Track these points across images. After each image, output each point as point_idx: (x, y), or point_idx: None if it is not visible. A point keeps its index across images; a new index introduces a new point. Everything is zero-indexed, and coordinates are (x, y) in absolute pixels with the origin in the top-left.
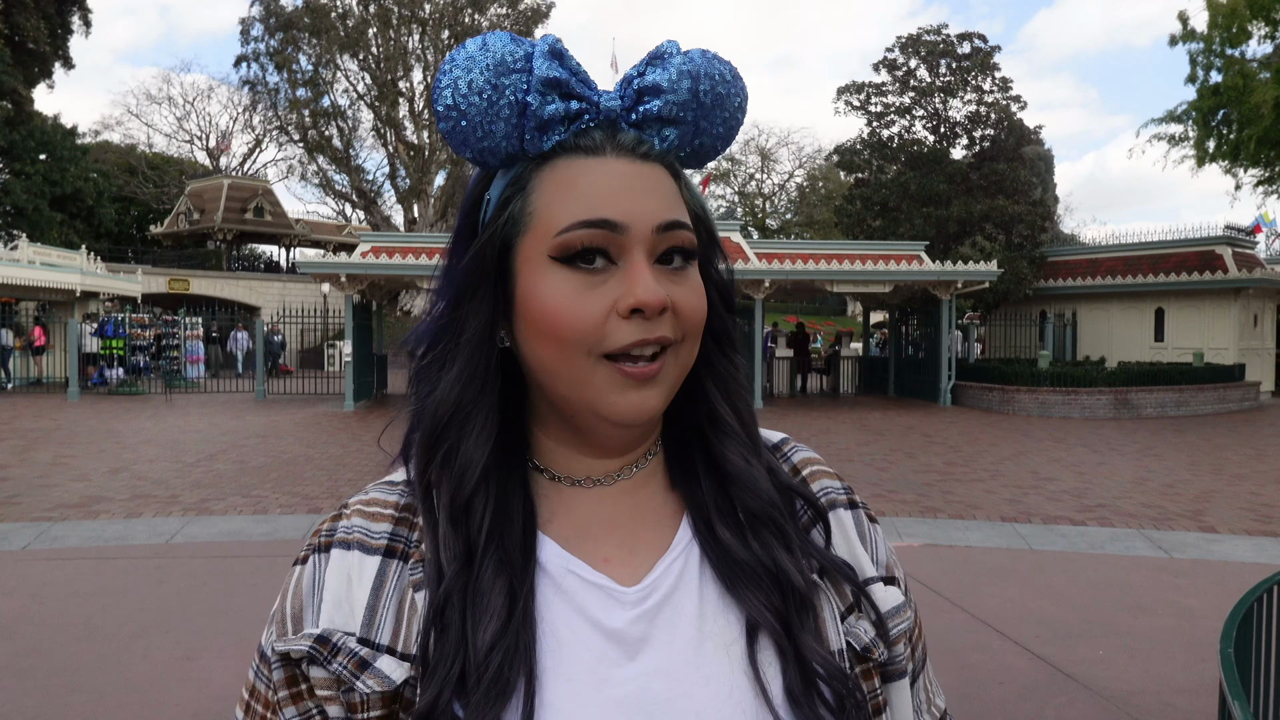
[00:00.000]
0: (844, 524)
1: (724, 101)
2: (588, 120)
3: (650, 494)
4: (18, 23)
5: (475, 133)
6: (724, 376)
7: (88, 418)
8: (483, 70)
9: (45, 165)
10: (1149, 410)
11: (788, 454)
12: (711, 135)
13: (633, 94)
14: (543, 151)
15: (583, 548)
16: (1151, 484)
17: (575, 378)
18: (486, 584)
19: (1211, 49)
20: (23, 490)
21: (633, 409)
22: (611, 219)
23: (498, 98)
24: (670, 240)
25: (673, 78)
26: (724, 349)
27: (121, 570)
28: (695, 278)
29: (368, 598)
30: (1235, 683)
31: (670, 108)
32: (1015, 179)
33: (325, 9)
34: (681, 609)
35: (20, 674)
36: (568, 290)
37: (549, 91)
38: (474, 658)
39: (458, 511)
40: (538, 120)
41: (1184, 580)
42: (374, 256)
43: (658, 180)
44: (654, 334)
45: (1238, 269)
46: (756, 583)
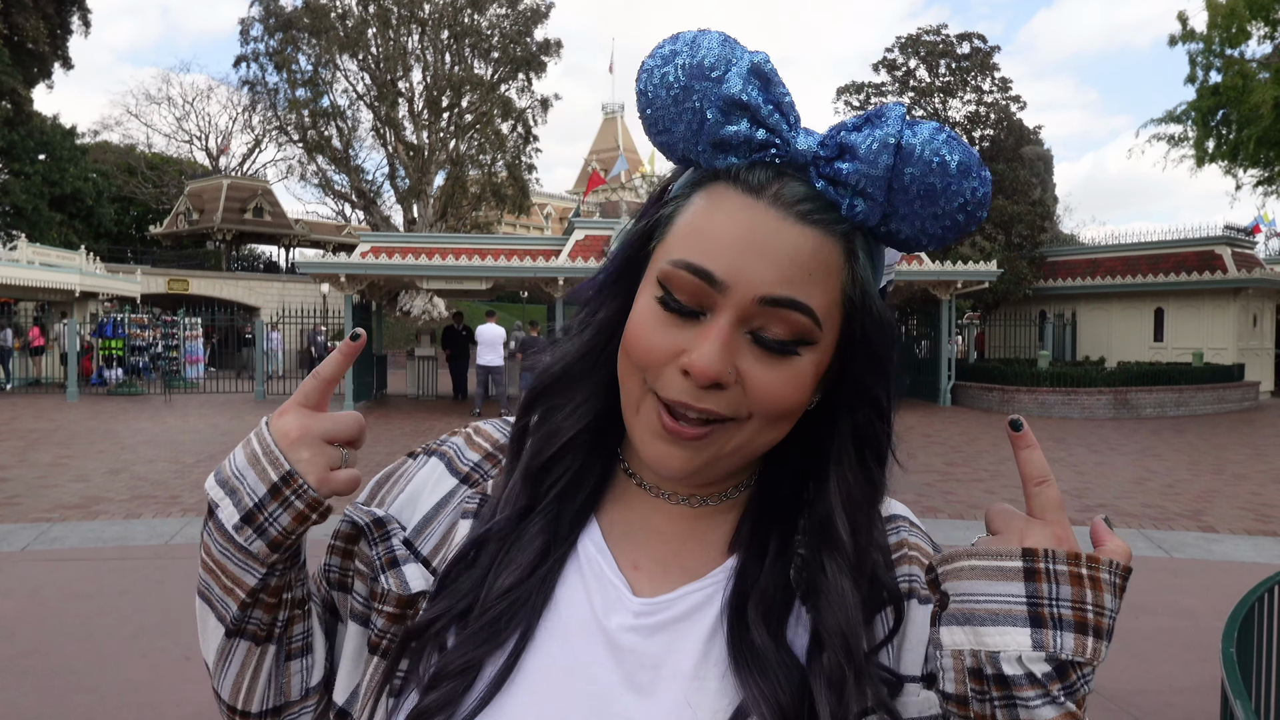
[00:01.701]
0: (913, 614)
1: (935, 197)
2: (772, 155)
3: (713, 527)
4: (17, 23)
5: (656, 125)
6: (852, 487)
7: (87, 418)
8: (681, 68)
9: (44, 165)
10: (1148, 410)
11: (889, 531)
12: (915, 228)
13: (835, 146)
14: (714, 169)
15: (621, 545)
16: (1151, 484)
17: (630, 398)
18: (528, 539)
19: (1211, 49)
20: (22, 491)
21: (657, 459)
22: (713, 272)
23: (684, 99)
24: (772, 319)
25: (873, 146)
26: (864, 458)
27: (121, 571)
28: (797, 367)
29: (430, 509)
30: (1237, 682)
31: (858, 178)
32: (1015, 179)
33: (325, 9)
34: (688, 639)
35: (20, 674)
36: (650, 316)
37: (733, 112)
38: (485, 596)
39: (533, 471)
40: (712, 137)
41: (1184, 580)
42: (373, 256)
43: (802, 248)
44: (700, 404)
45: (1237, 269)
46: (765, 672)
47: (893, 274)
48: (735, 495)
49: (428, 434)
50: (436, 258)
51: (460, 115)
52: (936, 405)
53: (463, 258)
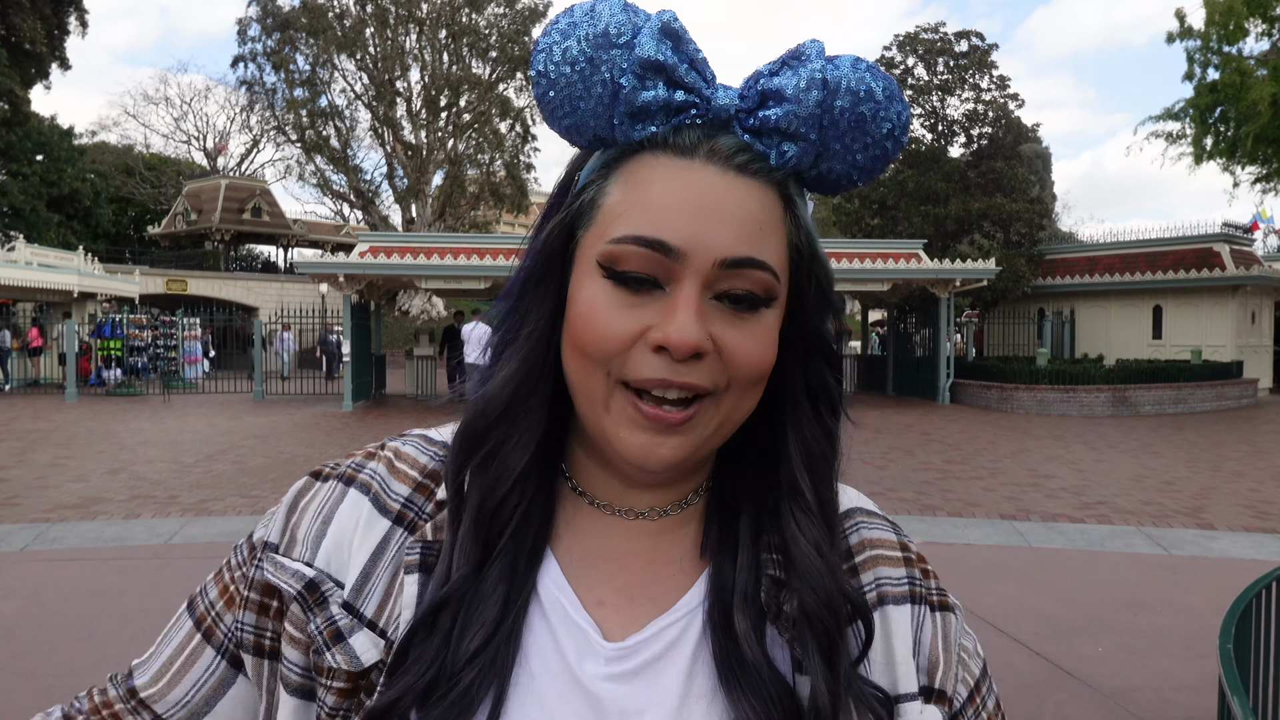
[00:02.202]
0: (889, 624)
1: (866, 125)
2: (693, 116)
3: (670, 544)
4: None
5: (564, 106)
6: (812, 442)
7: (86, 419)
8: (581, 40)
9: (42, 166)
10: (1147, 408)
11: (846, 532)
12: (846, 163)
13: (756, 94)
14: (632, 141)
15: (582, 579)
16: (1150, 481)
17: (594, 398)
18: (487, 590)
19: (1209, 46)
20: (21, 491)
21: (642, 453)
22: (668, 242)
23: (591, 73)
24: (737, 280)
25: (801, 85)
26: (818, 411)
27: (120, 571)
28: (764, 324)
29: (365, 563)
30: (1235, 678)
31: (791, 119)
32: (1013, 177)
33: (322, 9)
34: (664, 681)
35: (20, 675)
36: (602, 301)
37: (649, 75)
38: (449, 667)
39: (485, 515)
40: (630, 106)
41: (1183, 577)
42: (372, 256)
43: (749, 203)
44: (680, 378)
45: (1235, 266)
46: (757, 690)
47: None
48: (695, 501)
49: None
50: (435, 257)
51: (458, 115)
52: (935, 403)
53: (461, 257)
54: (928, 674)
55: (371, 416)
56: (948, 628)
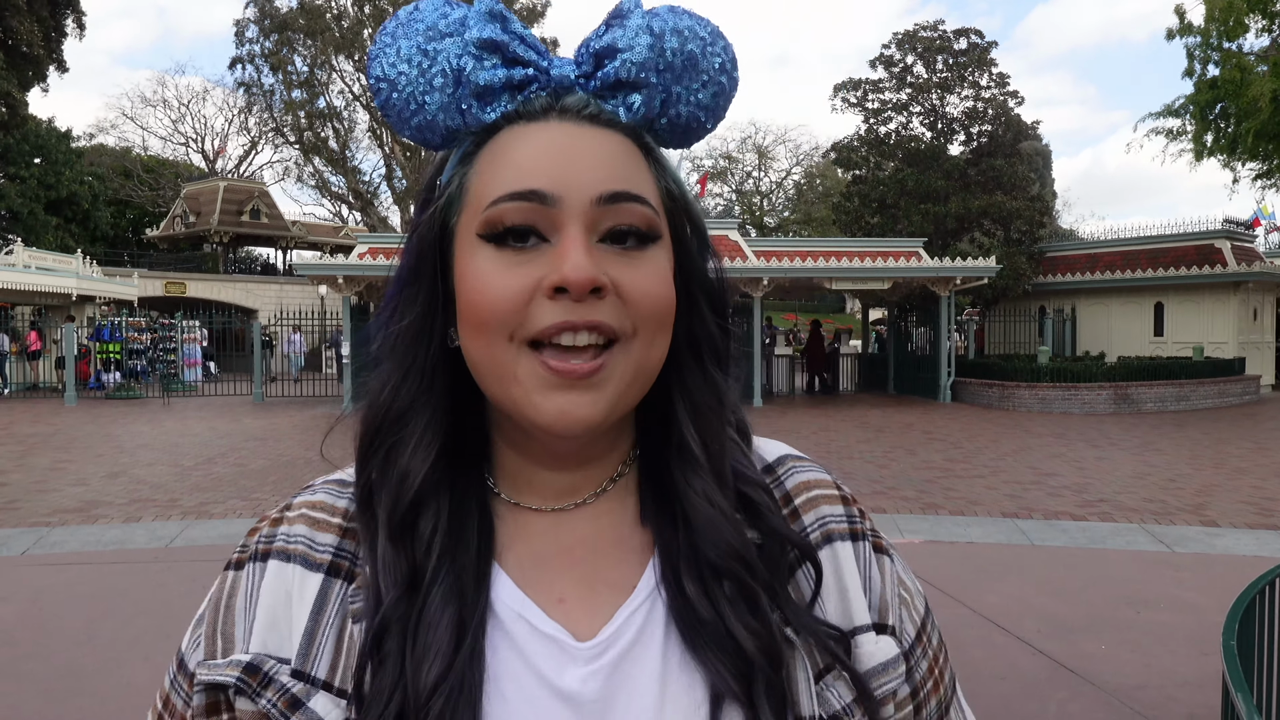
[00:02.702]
0: (839, 560)
1: (698, 61)
2: (536, 90)
3: (615, 523)
4: (10, 26)
5: (409, 105)
6: (695, 394)
7: (85, 422)
8: (412, 35)
9: (40, 169)
10: (1149, 405)
11: (781, 478)
12: (690, 104)
13: (590, 58)
14: (484, 124)
15: (538, 584)
16: (1152, 478)
17: (499, 370)
18: (433, 615)
19: (1209, 43)
20: (21, 495)
21: (557, 414)
22: (540, 189)
23: (430, 65)
24: (617, 216)
25: (630, 35)
26: (701, 362)
27: (121, 574)
28: (656, 261)
29: (306, 623)
30: (1238, 675)
31: (629, 68)
32: (1013, 175)
33: (320, 10)
34: (642, 667)
35: (21, 678)
36: (489, 268)
37: (486, 55)
38: (414, 700)
39: (397, 528)
40: (474, 88)
41: (1186, 574)
42: (371, 258)
43: (609, 146)
44: (584, 317)
45: (1236, 263)
46: (721, 645)
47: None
48: (627, 472)
49: None
50: None
51: None
52: (936, 402)
53: None
54: (879, 612)
55: None
56: (890, 568)
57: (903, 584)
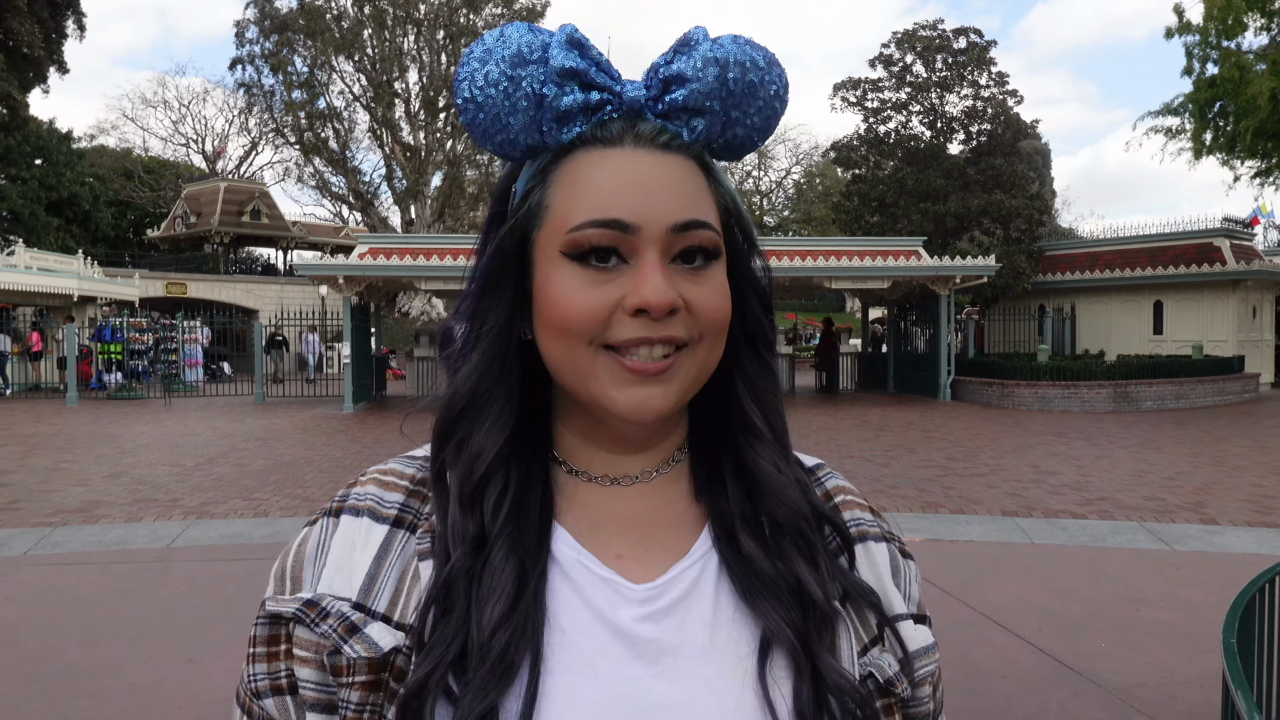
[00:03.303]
0: (874, 557)
1: (756, 90)
2: (610, 111)
3: (672, 499)
4: (11, 27)
5: (493, 125)
6: (755, 379)
7: (87, 422)
8: (499, 62)
9: (41, 170)
10: (1148, 403)
11: (821, 479)
12: (746, 126)
13: (659, 83)
14: (562, 144)
15: (595, 541)
16: (1152, 477)
17: (579, 369)
18: (497, 564)
19: (1208, 41)
20: (23, 496)
21: (633, 405)
22: (623, 219)
23: (514, 90)
24: (688, 240)
25: (698, 65)
26: (758, 351)
27: (123, 575)
28: (717, 277)
29: (369, 565)
30: (1238, 673)
31: (695, 96)
32: (1012, 173)
33: (320, 11)
34: (694, 615)
35: (24, 679)
36: (574, 284)
37: (566, 82)
38: (477, 637)
39: (468, 497)
40: (555, 112)
41: (1185, 572)
42: (372, 258)
43: (679, 174)
44: (659, 333)
45: (1236, 261)
46: (777, 596)
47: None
48: (681, 459)
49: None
50: (435, 258)
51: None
52: (936, 400)
53: (460, 258)
54: (916, 605)
55: (372, 418)
56: (915, 571)
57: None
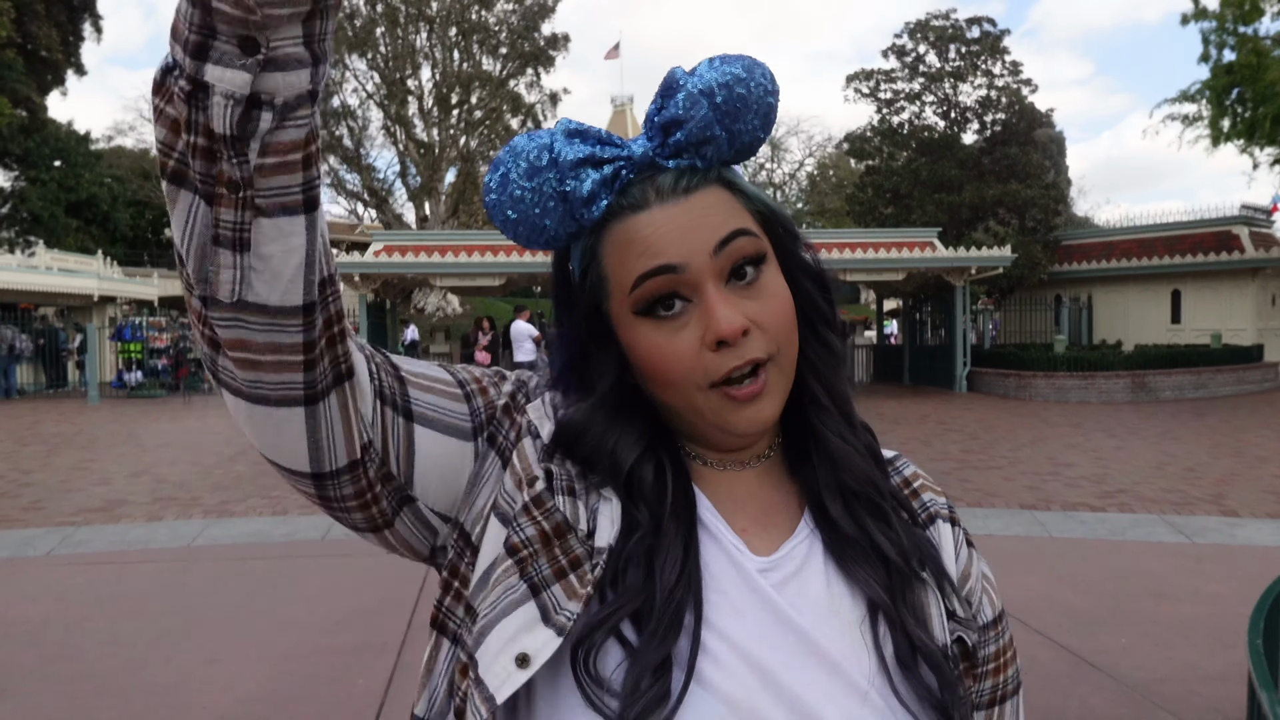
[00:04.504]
0: (940, 537)
1: (747, 100)
2: (626, 175)
3: (776, 481)
4: (30, 31)
5: (534, 231)
6: (816, 357)
7: (108, 421)
8: (517, 179)
9: (60, 172)
10: (1167, 393)
11: (899, 468)
12: (749, 133)
13: (658, 131)
14: (595, 220)
15: (724, 514)
16: (1171, 468)
17: (692, 409)
18: (669, 532)
19: (1224, 27)
20: (46, 495)
21: (749, 423)
22: (669, 263)
23: (538, 198)
24: (732, 255)
25: (687, 104)
26: (817, 331)
27: (144, 574)
28: (772, 282)
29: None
30: (1265, 674)
31: (695, 132)
32: (1027, 163)
33: None
34: (809, 586)
35: (47, 679)
36: (658, 339)
37: (580, 170)
38: (660, 595)
39: (625, 489)
40: (580, 200)
41: (1207, 566)
42: (387, 255)
43: (707, 205)
44: (744, 358)
45: (1255, 249)
46: (866, 559)
47: None
48: (772, 454)
49: None
50: (450, 255)
51: (470, 112)
52: (952, 392)
53: (475, 254)
54: (960, 575)
55: None
56: (976, 558)
57: (985, 576)
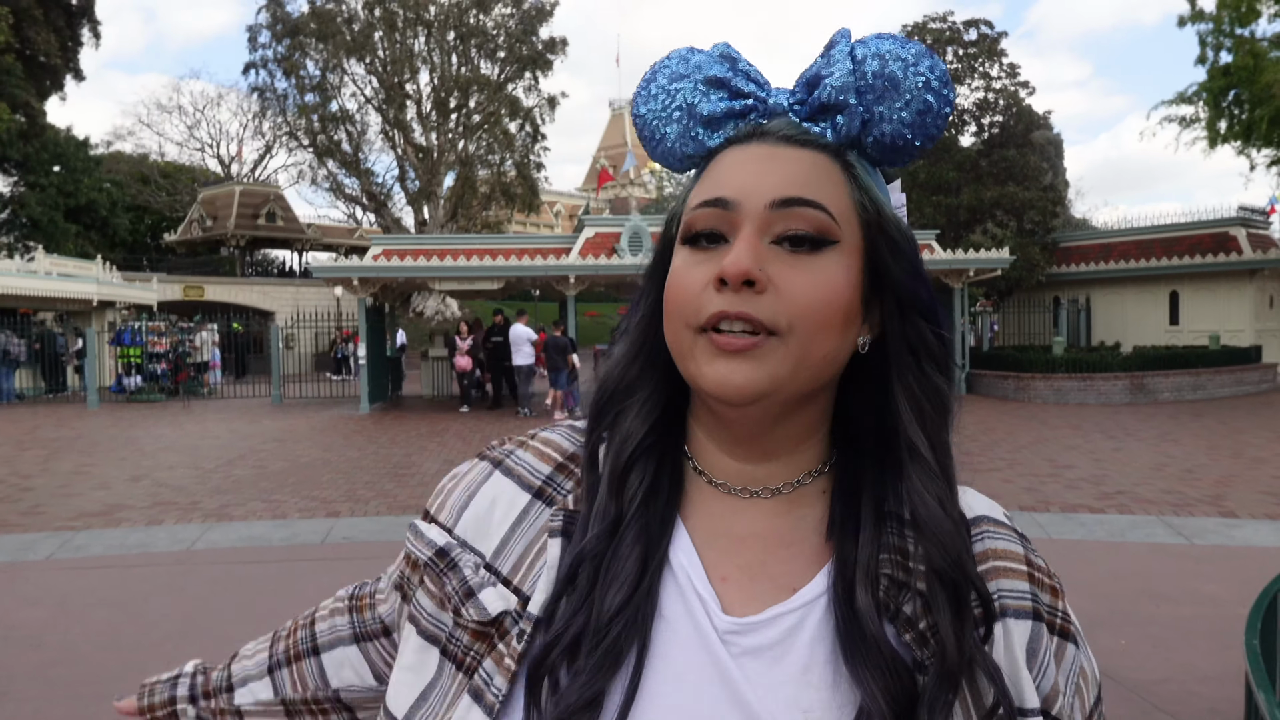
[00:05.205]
0: (1010, 635)
1: (899, 82)
2: (756, 117)
3: (797, 523)
4: (28, 36)
5: (654, 137)
6: (919, 397)
7: (107, 426)
8: (660, 79)
9: (59, 177)
10: (1165, 394)
11: (973, 538)
12: (894, 121)
13: (803, 86)
14: (709, 149)
15: (708, 554)
16: (1170, 469)
17: (681, 351)
18: (624, 550)
19: (1221, 29)
20: (46, 500)
21: (718, 379)
22: (724, 196)
23: (670, 101)
24: (788, 220)
25: (832, 63)
26: (920, 365)
27: (144, 578)
28: (826, 266)
29: (506, 530)
30: (1261, 674)
31: (829, 92)
32: (1025, 165)
33: (331, 14)
34: (784, 664)
35: (49, 683)
36: (684, 267)
37: (711, 90)
38: (596, 620)
39: (616, 478)
40: (701, 118)
41: (1205, 567)
42: (386, 259)
43: (801, 163)
44: (735, 308)
45: (1252, 250)
46: (879, 663)
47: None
48: (809, 481)
49: (443, 434)
50: (448, 259)
51: (468, 116)
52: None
53: (474, 258)
54: (1046, 699)
55: (389, 419)
56: (1065, 654)
57: (1083, 673)
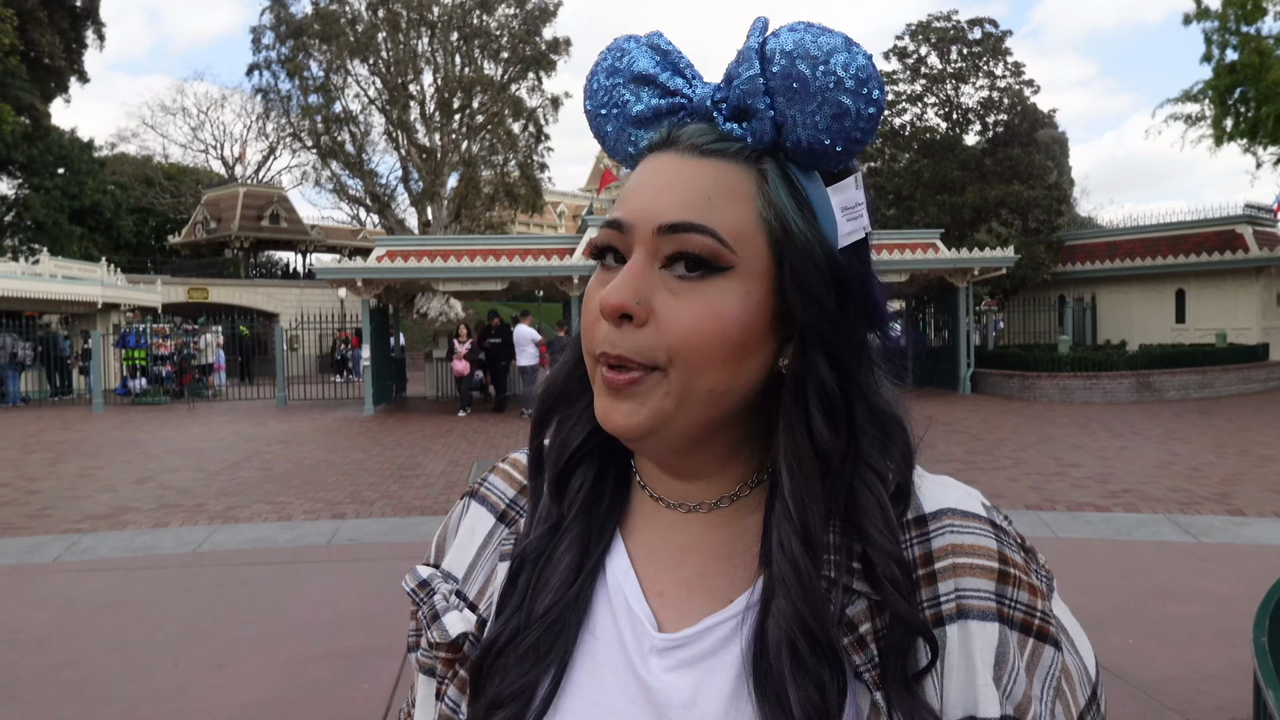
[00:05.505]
0: (970, 639)
1: (809, 84)
2: (683, 116)
3: (740, 533)
4: (33, 38)
5: (600, 133)
6: (794, 437)
7: (113, 428)
8: (599, 74)
9: (64, 179)
10: (1172, 393)
11: (930, 534)
12: (808, 127)
13: (725, 83)
14: (641, 151)
15: (646, 570)
16: (1177, 468)
17: (590, 375)
18: (558, 555)
19: (1227, 26)
20: (52, 502)
21: (603, 415)
22: (619, 218)
23: (607, 99)
24: (677, 244)
25: (740, 61)
26: (804, 409)
27: (150, 580)
28: (711, 295)
29: (474, 554)
30: (1270, 672)
31: (737, 94)
32: (1030, 163)
33: (334, 15)
34: (715, 677)
35: (55, 685)
36: (593, 285)
37: (641, 87)
38: (524, 623)
39: (555, 485)
40: (631, 119)
41: (1213, 565)
42: (389, 260)
43: (699, 177)
44: (615, 349)
45: (1259, 248)
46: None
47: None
48: (747, 493)
49: (447, 435)
50: (452, 259)
51: (471, 116)
52: (956, 393)
53: (478, 259)
54: (1016, 706)
55: (393, 420)
56: (1041, 658)
57: (1066, 673)
